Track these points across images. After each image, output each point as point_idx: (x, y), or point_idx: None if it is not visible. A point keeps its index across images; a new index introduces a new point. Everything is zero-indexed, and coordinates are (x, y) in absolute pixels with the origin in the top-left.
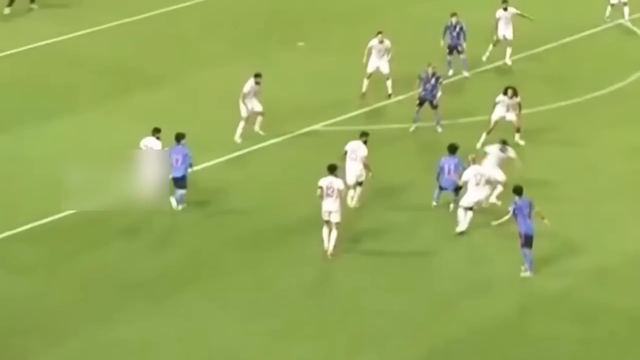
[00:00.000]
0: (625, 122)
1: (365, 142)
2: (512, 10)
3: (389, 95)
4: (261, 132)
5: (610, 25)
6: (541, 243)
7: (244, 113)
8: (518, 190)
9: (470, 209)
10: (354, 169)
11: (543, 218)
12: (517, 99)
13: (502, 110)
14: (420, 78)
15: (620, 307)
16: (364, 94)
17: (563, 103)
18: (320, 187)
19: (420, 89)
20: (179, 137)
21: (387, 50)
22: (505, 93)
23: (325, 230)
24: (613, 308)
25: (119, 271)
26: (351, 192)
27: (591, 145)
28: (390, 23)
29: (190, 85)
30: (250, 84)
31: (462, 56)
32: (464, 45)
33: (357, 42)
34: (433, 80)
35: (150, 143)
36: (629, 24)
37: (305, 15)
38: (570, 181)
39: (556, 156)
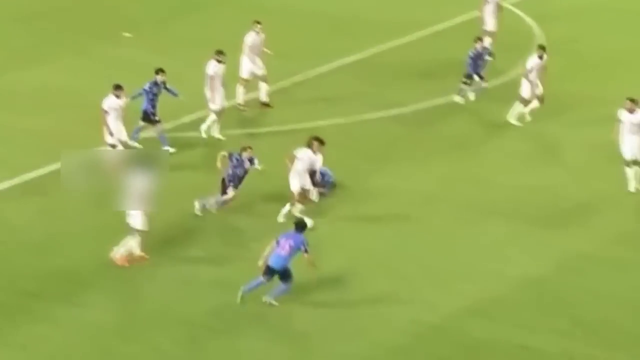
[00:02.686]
0: (507, 123)
1: None
2: None
3: (266, 104)
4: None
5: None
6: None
7: (215, 105)
8: (299, 226)
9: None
10: None
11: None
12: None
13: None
14: (228, 157)
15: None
16: (244, 106)
17: (442, 100)
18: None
19: (229, 171)
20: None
21: (261, 45)
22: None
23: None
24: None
25: None
26: None
27: (476, 152)
28: (238, 14)
29: None
30: (213, 65)
31: (483, 84)
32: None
33: (197, 35)
34: (247, 164)
35: (110, 102)
36: (512, 7)
37: (129, 2)
38: (451, 195)
39: (430, 166)
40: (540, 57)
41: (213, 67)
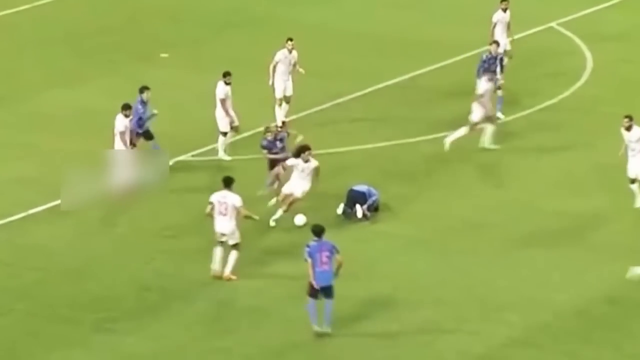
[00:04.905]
0: (553, 149)
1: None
2: (509, 13)
3: (283, 124)
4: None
5: (539, 29)
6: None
7: (225, 127)
8: (317, 231)
9: None
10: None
11: (338, 268)
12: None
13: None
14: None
15: None
16: (284, 124)
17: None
18: (211, 203)
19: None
20: (141, 90)
21: (294, 64)
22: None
23: (218, 249)
24: None
25: None
26: None
27: (514, 179)
28: (278, 33)
29: (33, 109)
30: (222, 87)
31: (499, 92)
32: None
33: (233, 54)
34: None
35: (117, 120)
36: (561, 28)
37: (168, 23)
38: (490, 222)
39: (473, 191)
40: (504, 10)
41: (223, 89)
